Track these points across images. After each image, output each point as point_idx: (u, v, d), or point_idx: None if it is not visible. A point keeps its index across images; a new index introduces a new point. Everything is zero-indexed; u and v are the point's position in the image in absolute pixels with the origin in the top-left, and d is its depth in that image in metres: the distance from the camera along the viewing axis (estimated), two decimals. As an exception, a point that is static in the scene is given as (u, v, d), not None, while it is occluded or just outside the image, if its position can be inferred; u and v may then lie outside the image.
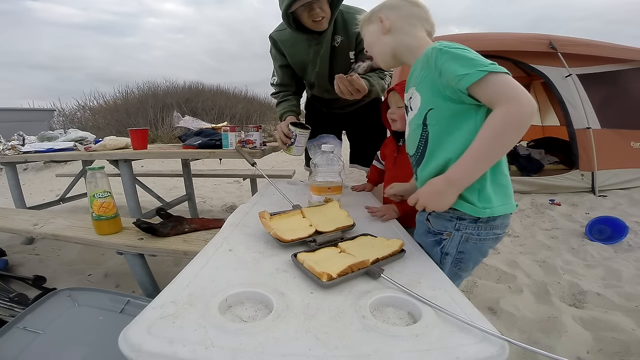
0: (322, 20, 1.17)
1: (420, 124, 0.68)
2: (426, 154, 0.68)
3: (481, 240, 0.67)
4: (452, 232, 0.68)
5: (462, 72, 0.57)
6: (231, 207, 2.84)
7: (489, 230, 0.67)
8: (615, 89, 3.11)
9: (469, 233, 0.67)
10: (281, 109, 1.41)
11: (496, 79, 0.56)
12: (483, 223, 0.66)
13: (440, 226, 0.71)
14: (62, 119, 7.97)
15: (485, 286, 1.45)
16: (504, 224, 0.68)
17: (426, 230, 0.75)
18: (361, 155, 1.56)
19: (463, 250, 0.69)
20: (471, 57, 0.58)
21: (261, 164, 1.29)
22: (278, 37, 1.34)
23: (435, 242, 0.72)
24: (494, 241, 0.69)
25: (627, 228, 1.91)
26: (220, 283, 0.52)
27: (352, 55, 1.30)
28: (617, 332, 1.11)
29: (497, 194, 0.65)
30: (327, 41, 1.26)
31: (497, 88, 0.56)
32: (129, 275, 1.42)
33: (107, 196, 1.16)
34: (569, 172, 3.01)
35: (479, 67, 0.56)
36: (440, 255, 0.71)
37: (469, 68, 0.57)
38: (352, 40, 1.26)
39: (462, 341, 0.40)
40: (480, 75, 0.55)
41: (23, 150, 1.85)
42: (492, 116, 0.57)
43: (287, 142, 1.29)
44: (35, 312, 0.89)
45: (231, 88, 10.36)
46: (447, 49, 0.61)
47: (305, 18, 1.17)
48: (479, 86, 0.56)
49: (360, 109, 1.48)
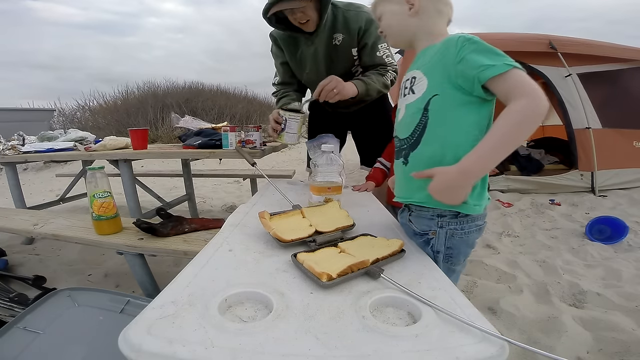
0: (308, 22, 1.18)
1: (421, 109, 0.67)
2: (422, 139, 0.68)
3: (466, 233, 0.69)
4: (437, 230, 0.70)
5: (488, 62, 0.58)
6: (231, 207, 2.84)
7: (470, 222, 0.69)
8: (616, 88, 3.11)
9: (452, 229, 0.69)
10: (280, 104, 1.39)
11: (519, 74, 0.57)
12: (463, 217, 0.68)
13: (424, 226, 0.72)
14: (62, 119, 7.98)
15: (485, 286, 1.45)
16: (483, 214, 0.70)
17: (412, 232, 0.76)
18: (368, 156, 1.55)
19: (451, 246, 0.70)
20: (498, 52, 0.60)
21: (261, 164, 1.29)
22: (278, 35, 1.35)
23: (424, 242, 0.73)
24: (478, 232, 0.71)
25: (627, 228, 1.91)
26: (220, 283, 0.52)
27: (354, 52, 1.29)
28: (617, 332, 1.11)
29: (484, 190, 0.67)
30: (321, 41, 1.26)
31: (517, 83, 0.57)
32: (129, 275, 1.42)
33: (107, 196, 1.16)
34: (569, 172, 3.01)
35: (506, 61, 0.58)
36: (432, 254, 0.71)
37: (496, 61, 0.58)
38: (354, 37, 1.26)
39: (462, 341, 0.40)
40: (506, 68, 0.57)
41: (23, 150, 1.84)
42: (510, 108, 0.57)
43: (277, 128, 1.26)
44: (35, 312, 0.89)
45: (231, 88, 10.36)
46: (475, 39, 0.61)
47: (291, 19, 1.18)
48: (501, 79, 0.58)
49: (366, 108, 1.47)
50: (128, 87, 9.07)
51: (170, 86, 9.47)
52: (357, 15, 1.23)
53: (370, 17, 1.23)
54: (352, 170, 1.56)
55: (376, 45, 1.26)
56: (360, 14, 1.24)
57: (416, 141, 0.69)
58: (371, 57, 1.28)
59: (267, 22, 1.23)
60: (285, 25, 1.23)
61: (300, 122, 1.26)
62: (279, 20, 1.23)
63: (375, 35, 1.24)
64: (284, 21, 1.22)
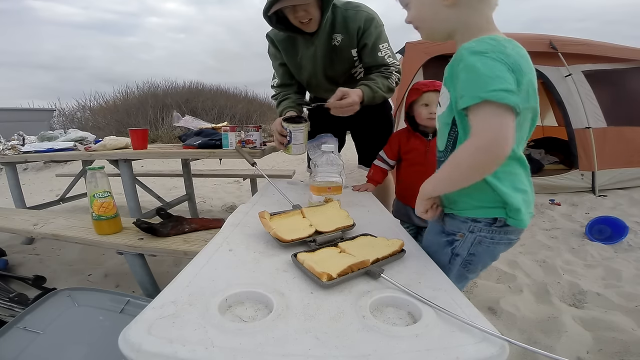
0: (310, 22, 1.14)
1: (449, 123, 0.65)
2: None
3: (494, 244, 0.66)
4: (466, 234, 0.67)
5: (461, 91, 0.55)
6: (231, 207, 2.84)
7: (503, 235, 0.65)
8: (620, 87, 3.09)
9: (482, 236, 0.66)
10: (281, 108, 1.38)
11: (484, 111, 0.52)
12: (498, 227, 0.64)
13: (454, 227, 0.69)
14: (62, 119, 7.99)
15: (485, 286, 1.45)
16: (518, 230, 0.66)
17: (440, 230, 0.74)
18: (368, 156, 1.52)
19: (474, 253, 0.67)
20: (481, 74, 0.52)
21: (261, 164, 1.28)
22: (275, 35, 1.32)
23: (447, 242, 0.71)
24: (507, 246, 0.68)
25: (627, 228, 1.91)
26: (220, 283, 0.52)
27: (354, 53, 1.26)
28: (617, 332, 1.11)
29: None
30: (321, 42, 1.23)
31: (478, 120, 0.53)
32: (129, 275, 1.42)
33: (107, 196, 1.16)
34: (569, 172, 3.01)
35: (478, 92, 0.51)
36: (450, 255, 0.70)
37: (469, 91, 0.53)
38: (353, 37, 1.23)
39: (462, 341, 0.40)
40: (472, 101, 0.52)
41: (23, 150, 1.84)
42: (460, 147, 0.58)
43: (284, 141, 1.23)
44: (35, 312, 0.89)
45: (231, 88, 10.38)
46: (469, 56, 0.54)
47: (292, 19, 1.14)
48: (470, 111, 0.54)
49: (366, 108, 1.45)
50: (128, 87, 9.09)
51: (170, 86, 9.50)
52: (356, 15, 1.20)
53: (370, 16, 1.21)
54: (352, 170, 1.56)
55: (377, 45, 1.23)
56: (359, 13, 1.20)
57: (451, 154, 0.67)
58: (372, 57, 1.24)
59: (267, 22, 1.19)
60: (285, 25, 1.20)
61: (305, 131, 1.24)
62: (279, 20, 1.20)
63: (375, 34, 1.22)
64: (284, 21, 1.19)
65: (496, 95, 0.50)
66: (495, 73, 0.52)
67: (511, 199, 0.60)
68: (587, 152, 2.91)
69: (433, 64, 2.77)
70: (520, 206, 0.60)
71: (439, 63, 2.77)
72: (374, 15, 1.23)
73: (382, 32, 1.24)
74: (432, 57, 2.77)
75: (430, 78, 1.17)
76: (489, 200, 0.63)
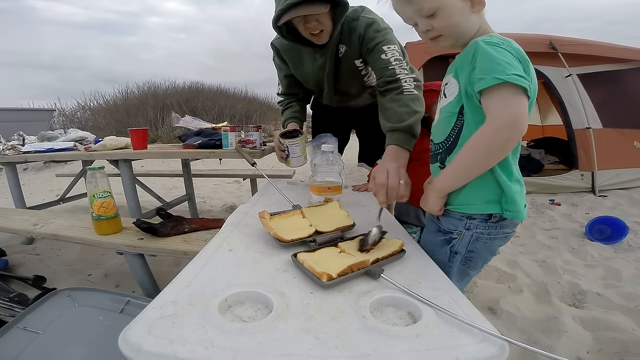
0: (321, 33, 1.05)
1: (456, 113, 0.66)
2: (458, 143, 0.67)
3: (491, 239, 0.68)
4: (463, 232, 0.68)
5: (479, 75, 0.57)
6: (231, 207, 2.84)
7: (499, 229, 0.67)
8: (617, 88, 3.11)
9: (479, 232, 0.67)
10: (284, 118, 1.36)
11: (502, 93, 0.55)
12: (493, 222, 0.66)
13: (451, 225, 0.70)
14: (62, 119, 7.98)
15: (485, 286, 1.45)
16: (514, 223, 0.68)
17: (436, 229, 0.75)
18: (371, 154, 1.51)
19: (473, 249, 0.69)
20: (498, 61, 0.56)
21: (261, 164, 1.29)
22: (280, 45, 1.24)
23: (444, 240, 0.72)
24: (504, 240, 0.69)
25: (627, 228, 1.91)
26: (220, 283, 0.52)
27: (358, 63, 1.17)
28: (617, 332, 1.11)
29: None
30: (329, 54, 1.15)
31: (494, 103, 0.56)
32: (129, 275, 1.42)
33: (107, 196, 1.16)
34: (569, 172, 3.01)
35: (499, 75, 0.54)
36: (449, 254, 0.70)
37: (487, 73, 0.55)
38: (355, 47, 1.12)
39: (462, 341, 0.40)
40: (491, 83, 0.55)
41: (23, 150, 1.85)
42: (476, 132, 0.59)
43: (283, 155, 1.24)
44: (35, 312, 0.89)
45: (231, 88, 10.37)
46: (486, 45, 0.58)
47: (302, 30, 1.05)
48: (486, 93, 0.57)
49: (371, 107, 1.37)
50: (128, 87, 9.09)
51: (170, 86, 9.49)
52: (357, 23, 1.11)
53: (370, 20, 1.10)
54: (352, 170, 1.56)
55: (380, 47, 1.07)
56: (360, 20, 1.11)
57: (452, 145, 0.68)
58: (376, 60, 1.08)
59: (277, 32, 1.09)
60: (294, 36, 1.11)
61: (302, 144, 1.24)
62: (289, 30, 1.11)
63: (375, 37, 1.08)
64: (293, 31, 1.10)
65: (515, 78, 0.54)
66: (510, 61, 0.56)
67: (509, 189, 0.62)
68: (587, 152, 2.92)
69: (433, 64, 2.78)
70: (516, 197, 0.62)
71: (439, 63, 2.77)
72: (374, 18, 1.13)
73: (385, 34, 1.12)
74: (432, 57, 2.77)
75: (430, 78, 1.16)
76: (484, 196, 0.64)
